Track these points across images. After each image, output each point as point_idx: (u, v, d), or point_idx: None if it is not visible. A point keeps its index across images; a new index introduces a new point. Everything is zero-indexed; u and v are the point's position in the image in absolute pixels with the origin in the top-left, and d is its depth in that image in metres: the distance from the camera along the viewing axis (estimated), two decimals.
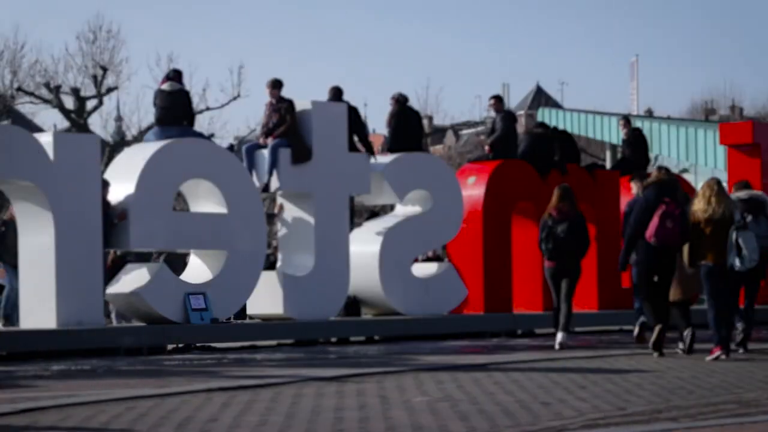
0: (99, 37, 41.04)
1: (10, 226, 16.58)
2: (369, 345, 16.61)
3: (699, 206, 13.33)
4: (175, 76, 16.47)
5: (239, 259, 15.83)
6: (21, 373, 11.99)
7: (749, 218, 13.44)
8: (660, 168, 14.34)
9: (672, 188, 13.75)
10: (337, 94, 17.89)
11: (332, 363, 12.96)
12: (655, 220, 13.40)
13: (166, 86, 16.23)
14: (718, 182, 13.61)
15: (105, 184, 15.06)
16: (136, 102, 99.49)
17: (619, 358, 13.16)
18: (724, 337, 13.05)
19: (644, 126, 39.04)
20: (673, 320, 13.82)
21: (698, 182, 39.29)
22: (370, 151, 18.00)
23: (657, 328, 13.44)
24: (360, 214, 21.90)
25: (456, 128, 66.96)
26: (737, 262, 13.04)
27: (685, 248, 13.51)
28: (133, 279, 15.34)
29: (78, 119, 39.05)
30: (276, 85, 16.97)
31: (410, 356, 13.74)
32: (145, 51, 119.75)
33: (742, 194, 14.02)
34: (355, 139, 17.78)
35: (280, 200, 17.36)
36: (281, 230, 17.33)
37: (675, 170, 36.67)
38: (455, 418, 8.10)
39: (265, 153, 16.58)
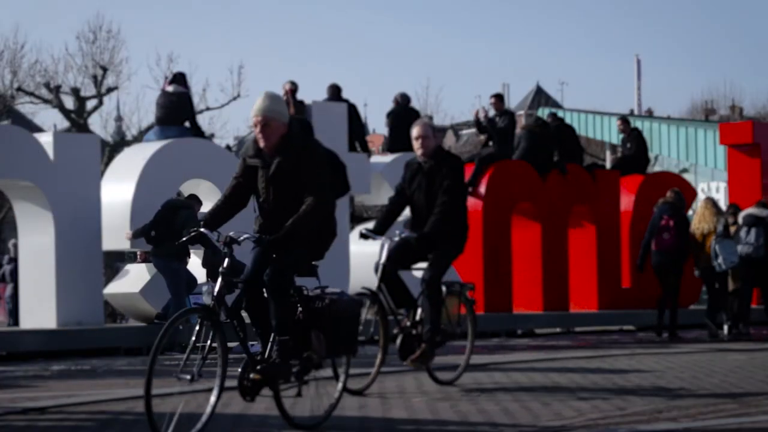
0: (99, 37, 41.01)
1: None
2: (369, 345, 16.59)
3: (694, 223, 17.06)
4: (179, 78, 16.48)
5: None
6: (21, 373, 11.98)
7: (744, 230, 16.93)
8: (672, 190, 17.27)
9: (677, 207, 16.77)
10: (335, 91, 17.90)
11: None
12: (657, 232, 16.69)
13: (169, 88, 16.26)
14: (712, 201, 17.56)
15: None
16: (136, 102, 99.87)
17: (619, 358, 13.17)
18: (711, 326, 16.79)
19: (644, 126, 39.07)
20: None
21: (698, 182, 39.47)
22: (365, 150, 17.99)
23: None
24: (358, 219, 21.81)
25: (456, 128, 66.92)
26: (716, 266, 16.62)
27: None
28: (132, 279, 15.33)
29: (78, 119, 39.05)
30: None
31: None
32: (145, 51, 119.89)
33: (755, 211, 17.22)
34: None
35: None
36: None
37: (675, 170, 36.80)
38: (455, 418, 8.10)
39: None
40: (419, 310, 10.12)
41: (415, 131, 10.21)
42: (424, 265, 10.26)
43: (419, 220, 10.17)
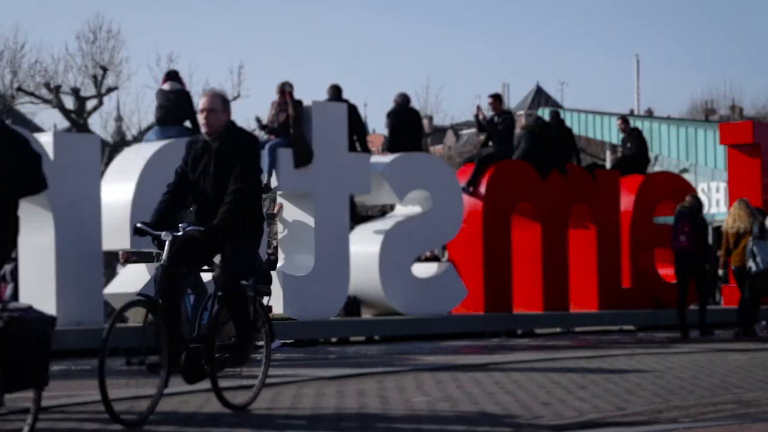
0: (99, 37, 41.00)
1: None
2: (369, 345, 16.62)
3: (729, 223, 17.67)
4: (174, 76, 16.47)
5: None
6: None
7: None
8: (691, 195, 18.36)
9: (694, 210, 17.62)
10: (336, 92, 17.92)
11: (332, 363, 12.96)
12: (674, 237, 17.52)
13: (166, 86, 16.24)
14: (746, 202, 17.92)
15: None
16: (136, 102, 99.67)
17: (619, 358, 13.17)
18: (742, 324, 17.28)
19: (644, 126, 39.01)
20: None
21: (698, 182, 39.45)
22: (366, 150, 18.02)
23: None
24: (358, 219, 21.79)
25: (456, 128, 66.90)
26: (753, 266, 17.05)
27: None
28: (132, 279, 15.32)
29: (78, 119, 39.04)
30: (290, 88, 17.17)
31: (410, 356, 13.74)
32: (145, 51, 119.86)
33: None
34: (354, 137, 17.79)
35: (279, 200, 17.37)
36: (281, 230, 17.34)
37: (675, 170, 36.78)
38: (455, 418, 8.11)
39: (265, 153, 16.58)
40: (204, 319, 8.46)
41: (201, 103, 8.49)
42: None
43: (205, 210, 8.41)
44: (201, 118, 8.41)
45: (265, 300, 8.94)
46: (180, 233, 8.21)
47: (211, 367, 8.34)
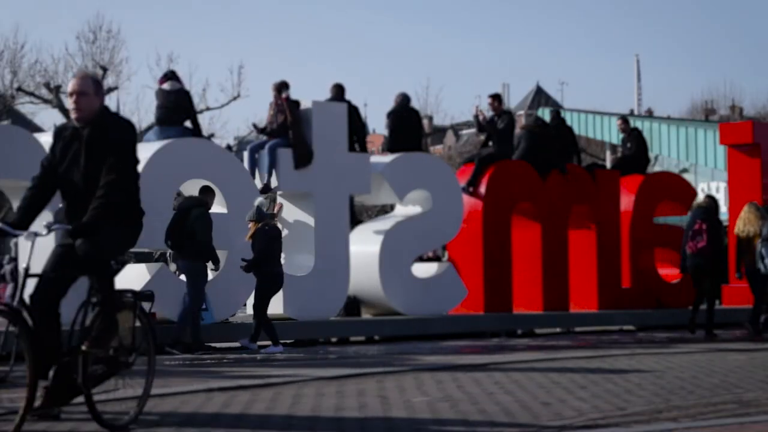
0: (99, 37, 41.06)
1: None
2: (369, 345, 16.61)
3: (739, 227, 17.66)
4: (172, 75, 16.45)
5: (239, 258, 15.81)
6: (21, 373, 11.94)
7: None
8: (707, 195, 18.39)
9: (711, 211, 17.50)
10: (339, 91, 17.91)
11: (332, 363, 12.96)
12: (690, 237, 17.39)
13: (166, 85, 16.21)
14: (755, 206, 17.86)
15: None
16: (136, 102, 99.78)
17: (619, 358, 13.16)
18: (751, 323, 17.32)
19: (644, 126, 39.05)
20: None
21: (698, 182, 39.48)
22: (365, 150, 18.03)
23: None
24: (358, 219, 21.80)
25: (456, 128, 66.91)
26: (762, 267, 17.03)
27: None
28: (132, 279, 15.30)
29: None
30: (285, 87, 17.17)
31: (410, 356, 13.74)
32: (145, 51, 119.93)
33: None
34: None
35: (280, 200, 17.36)
36: (281, 230, 17.33)
37: (675, 170, 36.80)
38: (455, 418, 8.10)
39: (265, 153, 16.58)
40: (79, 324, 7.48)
41: (70, 86, 7.52)
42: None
43: (76, 205, 7.58)
44: (70, 103, 7.49)
45: (146, 306, 7.85)
46: (44, 233, 7.37)
47: (84, 382, 7.38)
